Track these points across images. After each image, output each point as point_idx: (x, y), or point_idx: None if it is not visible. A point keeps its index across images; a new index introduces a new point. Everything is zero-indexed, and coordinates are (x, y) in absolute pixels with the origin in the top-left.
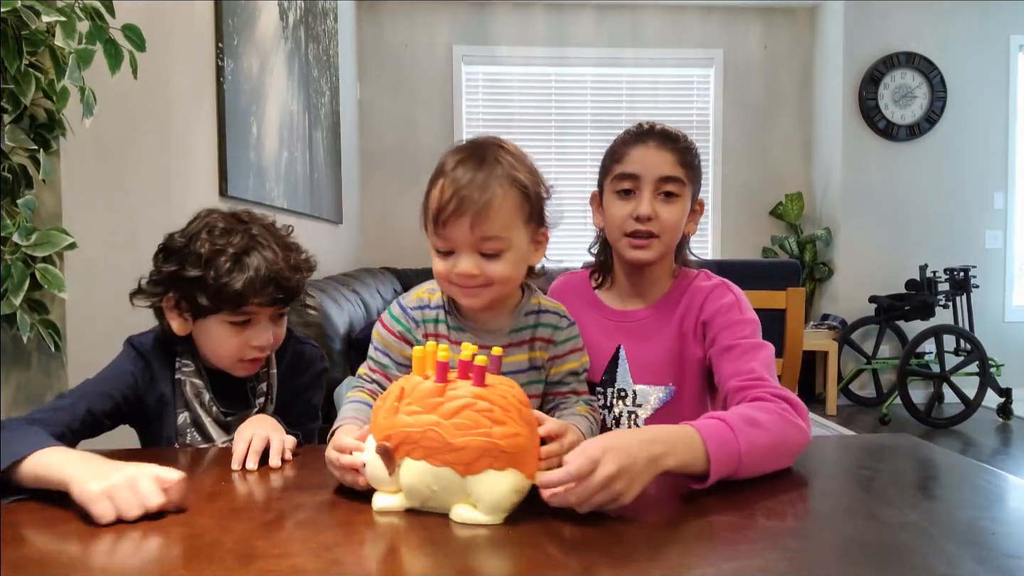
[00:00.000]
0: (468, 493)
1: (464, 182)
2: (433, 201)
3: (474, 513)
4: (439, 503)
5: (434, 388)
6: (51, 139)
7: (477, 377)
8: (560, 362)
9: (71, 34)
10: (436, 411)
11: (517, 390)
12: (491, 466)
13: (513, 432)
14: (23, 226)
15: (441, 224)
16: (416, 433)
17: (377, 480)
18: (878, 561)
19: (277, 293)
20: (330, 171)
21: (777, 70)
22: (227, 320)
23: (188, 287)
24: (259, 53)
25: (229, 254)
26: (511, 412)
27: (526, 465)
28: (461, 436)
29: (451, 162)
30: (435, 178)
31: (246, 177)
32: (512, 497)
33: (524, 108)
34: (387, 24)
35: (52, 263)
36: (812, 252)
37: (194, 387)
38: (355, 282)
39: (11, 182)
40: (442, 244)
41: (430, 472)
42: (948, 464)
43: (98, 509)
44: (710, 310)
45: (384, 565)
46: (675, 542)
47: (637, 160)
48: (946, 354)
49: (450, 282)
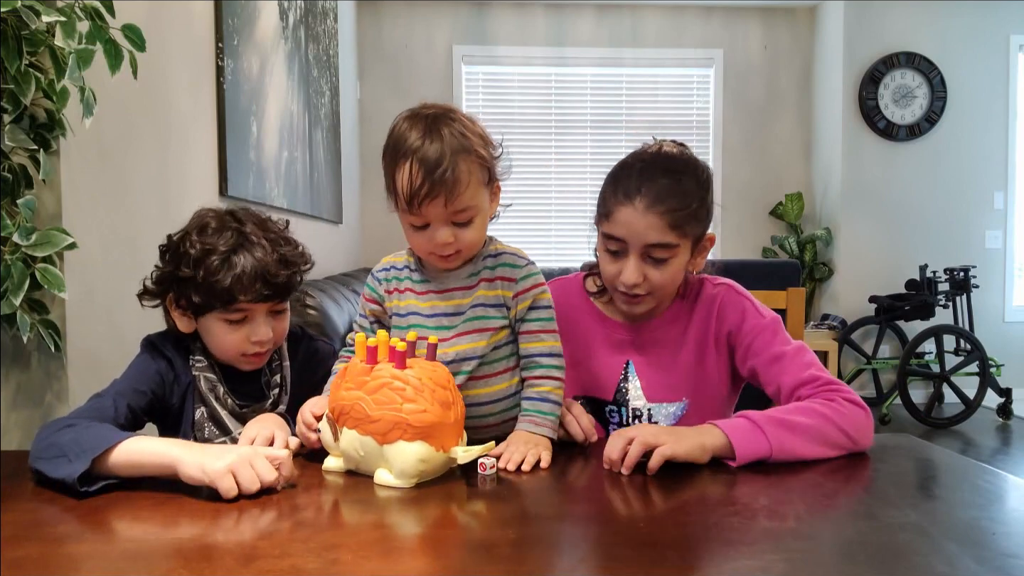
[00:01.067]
0: (386, 459)
1: (431, 165)
2: (403, 185)
3: (389, 477)
4: (367, 467)
5: (363, 368)
6: (51, 139)
7: (397, 360)
8: (523, 297)
9: (71, 34)
10: (363, 388)
11: (438, 374)
12: (401, 437)
13: (422, 409)
14: (23, 226)
15: (416, 205)
16: (348, 406)
17: (327, 444)
18: (878, 561)
19: (265, 290)
20: (330, 171)
21: (777, 70)
22: (223, 318)
23: (183, 286)
24: (259, 53)
25: (218, 252)
26: (423, 392)
27: (434, 439)
28: (378, 410)
29: (411, 140)
30: (396, 156)
31: (246, 177)
32: (419, 466)
33: (524, 108)
34: (387, 24)
35: (52, 263)
36: (812, 252)
37: (208, 381)
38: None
39: (11, 182)
40: (417, 220)
41: (358, 439)
42: (948, 464)
43: (225, 484)
44: (733, 320)
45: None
46: (675, 542)
47: (623, 224)
48: (946, 354)
49: (429, 252)
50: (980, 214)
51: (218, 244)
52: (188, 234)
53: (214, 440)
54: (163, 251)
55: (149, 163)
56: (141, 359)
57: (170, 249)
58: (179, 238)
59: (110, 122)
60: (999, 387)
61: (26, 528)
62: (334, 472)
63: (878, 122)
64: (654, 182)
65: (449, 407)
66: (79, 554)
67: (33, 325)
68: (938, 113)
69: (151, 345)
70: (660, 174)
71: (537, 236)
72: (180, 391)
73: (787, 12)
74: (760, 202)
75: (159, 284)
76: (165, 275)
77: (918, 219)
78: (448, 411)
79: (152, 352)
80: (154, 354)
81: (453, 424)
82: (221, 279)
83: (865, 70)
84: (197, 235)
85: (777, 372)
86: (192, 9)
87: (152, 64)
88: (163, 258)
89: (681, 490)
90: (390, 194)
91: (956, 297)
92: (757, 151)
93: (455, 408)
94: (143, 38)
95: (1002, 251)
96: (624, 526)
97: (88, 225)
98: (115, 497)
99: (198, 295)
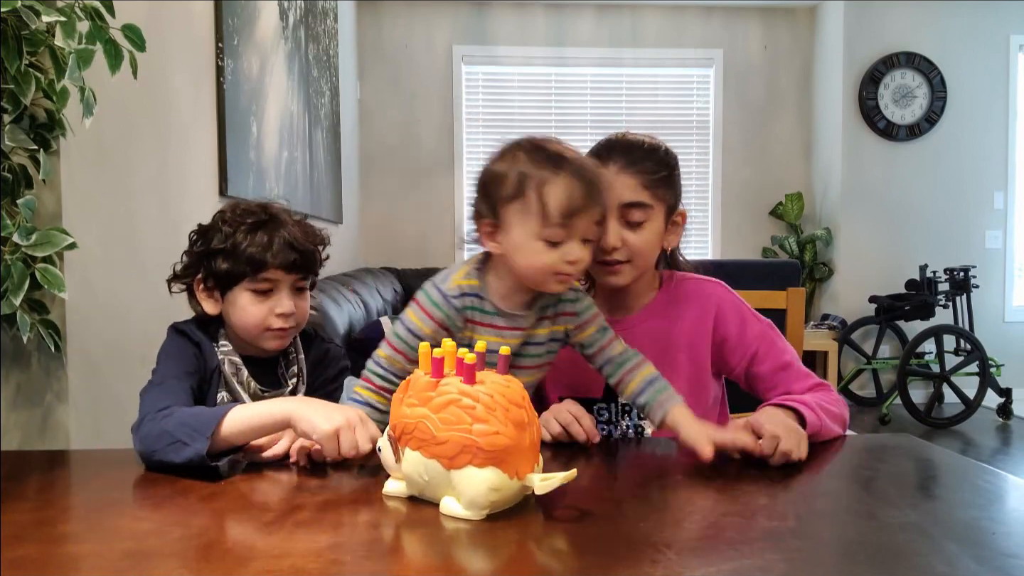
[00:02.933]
0: (453, 486)
1: (589, 179)
2: (560, 198)
3: (457, 506)
4: (432, 493)
5: (428, 383)
6: (51, 139)
7: (467, 374)
8: (587, 325)
9: (71, 34)
10: (427, 405)
11: (511, 390)
12: (471, 462)
13: (494, 431)
14: (23, 226)
15: (568, 217)
16: (411, 424)
17: (388, 466)
18: (878, 561)
19: (293, 255)
20: (330, 171)
21: (777, 70)
22: (250, 288)
23: (214, 259)
24: (259, 53)
25: (249, 223)
26: (496, 411)
27: (508, 464)
28: (446, 430)
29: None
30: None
31: (246, 177)
32: (490, 495)
33: (524, 108)
34: (387, 24)
35: (52, 263)
36: (812, 252)
37: (232, 365)
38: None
39: (11, 182)
40: (562, 235)
41: (422, 463)
42: (948, 464)
43: (330, 447)
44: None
45: (384, 565)
46: (675, 542)
47: None
48: (946, 354)
49: (556, 272)
50: (980, 214)
51: (247, 218)
52: (222, 212)
53: None
54: (194, 236)
55: (149, 163)
56: (175, 344)
57: (201, 232)
58: (212, 219)
59: (110, 122)
60: (999, 387)
61: (26, 528)
62: (395, 497)
63: (878, 122)
64: (625, 151)
65: (524, 428)
66: (79, 554)
67: (33, 325)
68: (938, 113)
69: (179, 331)
70: (629, 146)
71: None
72: (207, 376)
73: (787, 12)
74: (760, 202)
75: (189, 266)
76: (196, 255)
77: (918, 219)
78: (523, 433)
79: (182, 336)
80: (184, 338)
81: (529, 448)
82: (252, 244)
83: (865, 70)
84: (230, 212)
85: (786, 379)
86: (192, 9)
87: (152, 64)
88: (194, 243)
89: (681, 490)
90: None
91: (956, 297)
92: (757, 151)
93: (531, 429)
94: (143, 38)
95: (1002, 251)
96: (624, 526)
97: (88, 225)
98: (115, 497)
99: (228, 262)
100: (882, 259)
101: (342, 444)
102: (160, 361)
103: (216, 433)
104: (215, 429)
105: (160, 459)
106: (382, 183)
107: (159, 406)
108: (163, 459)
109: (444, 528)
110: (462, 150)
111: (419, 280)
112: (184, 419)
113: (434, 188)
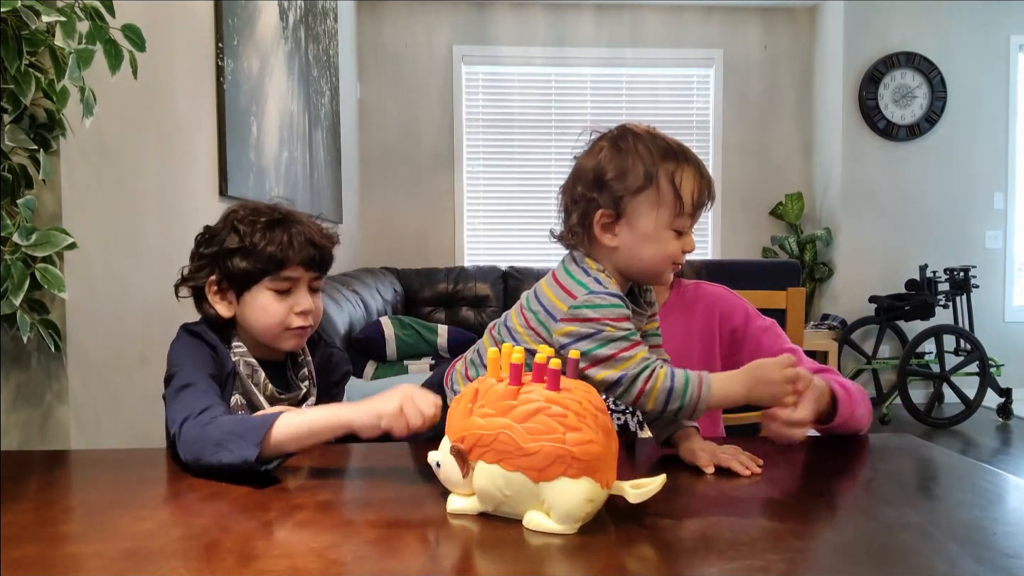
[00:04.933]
0: (541, 500)
1: (705, 174)
2: (692, 190)
3: (547, 521)
4: (512, 508)
5: (508, 391)
6: (51, 139)
7: (552, 381)
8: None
9: (71, 34)
10: (509, 414)
11: (593, 395)
12: (564, 473)
13: (587, 439)
14: (23, 226)
15: (698, 208)
16: (488, 436)
17: (451, 482)
18: (878, 561)
19: (312, 250)
20: (330, 171)
21: (777, 70)
22: (270, 287)
23: (230, 258)
24: (259, 53)
25: (264, 222)
26: (586, 418)
27: (601, 473)
28: (533, 441)
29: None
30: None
31: (246, 177)
32: (586, 507)
33: (524, 108)
34: (387, 24)
35: (52, 263)
36: (812, 252)
37: (248, 366)
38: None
39: (11, 182)
40: (686, 225)
41: (502, 476)
42: (948, 464)
43: (400, 424)
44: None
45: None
46: (675, 542)
47: None
48: (946, 354)
49: (675, 261)
50: (980, 214)
51: (262, 217)
52: (234, 211)
53: None
54: (201, 238)
55: (149, 163)
56: (188, 344)
57: (212, 232)
58: (223, 217)
59: (110, 122)
60: (999, 387)
61: (26, 528)
62: (463, 515)
63: (878, 122)
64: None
65: (611, 435)
66: (79, 554)
67: (33, 325)
68: (938, 113)
69: (192, 333)
70: None
71: (536, 236)
72: (223, 379)
73: (787, 12)
74: (760, 202)
75: (200, 268)
76: (208, 257)
77: (918, 219)
78: (611, 440)
79: (196, 338)
80: (198, 340)
81: (615, 455)
82: (271, 242)
83: (865, 70)
84: (243, 211)
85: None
86: (192, 9)
87: (152, 64)
88: (202, 245)
89: (681, 489)
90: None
91: (956, 297)
92: (757, 151)
93: (614, 436)
94: (143, 38)
95: (1002, 251)
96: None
97: (88, 225)
98: (115, 497)
99: (247, 261)
100: (882, 259)
101: (409, 416)
102: (178, 363)
103: (266, 439)
104: (264, 435)
105: (209, 463)
106: (382, 183)
107: (198, 408)
108: (212, 464)
109: (530, 544)
110: (462, 150)
111: (419, 280)
112: (231, 427)
113: (434, 188)
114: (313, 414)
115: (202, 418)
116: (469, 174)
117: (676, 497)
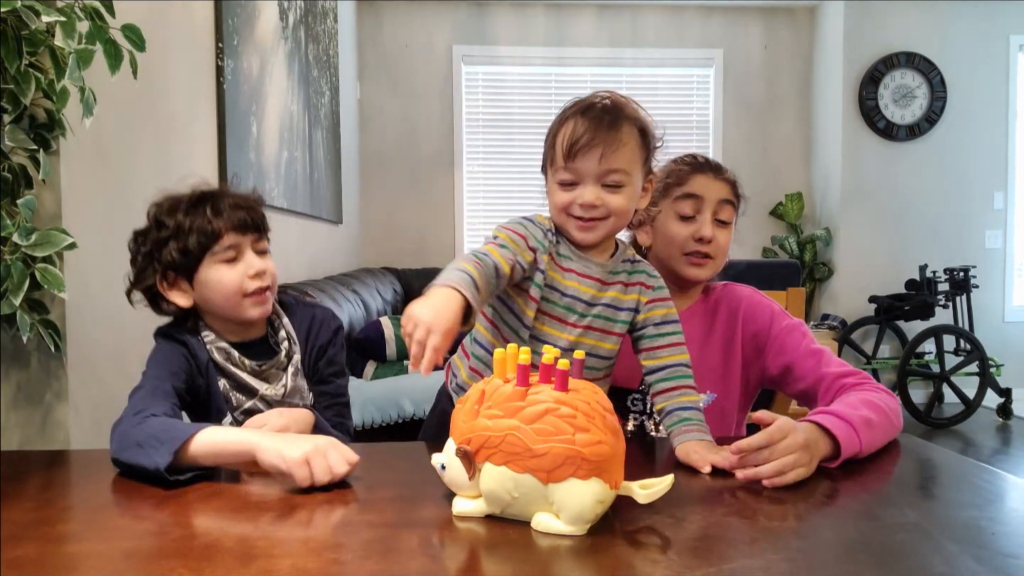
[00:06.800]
0: (550, 501)
1: (596, 118)
2: (565, 136)
3: (556, 522)
4: (520, 510)
5: (515, 392)
6: (51, 139)
7: (560, 381)
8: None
9: (71, 34)
10: (517, 415)
11: (601, 396)
12: (574, 474)
13: (597, 440)
14: (23, 226)
15: (572, 156)
16: (496, 438)
17: (456, 484)
18: (878, 561)
19: (241, 213)
20: (330, 171)
21: (777, 70)
22: (217, 260)
23: (167, 246)
24: (259, 53)
25: (186, 205)
26: (595, 419)
27: (610, 474)
28: (543, 442)
29: (581, 105)
30: (564, 119)
31: (246, 177)
32: (597, 508)
33: (524, 108)
34: (387, 24)
35: (52, 263)
36: (812, 252)
37: (221, 351)
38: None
39: (11, 182)
40: (568, 176)
41: (511, 478)
42: (948, 464)
43: (301, 473)
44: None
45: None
46: (675, 543)
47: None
48: (946, 354)
49: (569, 214)
50: (980, 214)
51: (181, 203)
52: (157, 205)
53: (242, 406)
54: (133, 242)
55: (149, 163)
56: (162, 348)
57: (141, 233)
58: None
59: (110, 122)
60: (999, 387)
61: (26, 528)
62: (469, 517)
63: (878, 122)
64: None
65: (618, 435)
66: (79, 554)
67: (33, 325)
68: (938, 113)
69: (165, 334)
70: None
71: None
72: (202, 370)
73: (787, 12)
74: (760, 202)
75: (144, 268)
76: (146, 254)
77: (918, 219)
78: (619, 440)
79: (168, 339)
80: (171, 341)
81: (622, 456)
82: (198, 216)
83: (865, 70)
84: (164, 203)
85: (816, 364)
86: (192, 9)
87: (152, 64)
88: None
89: (681, 490)
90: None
91: (956, 297)
92: (757, 151)
93: (622, 437)
94: (143, 38)
95: (1002, 251)
96: (624, 526)
97: (88, 225)
98: (115, 497)
99: (183, 243)
100: (882, 259)
101: (315, 470)
102: (146, 368)
103: (183, 450)
104: (182, 446)
105: (123, 460)
106: (382, 183)
107: (137, 408)
108: (125, 460)
109: (539, 546)
110: (462, 150)
111: (419, 280)
112: (154, 430)
113: (434, 188)
114: (228, 435)
115: (136, 418)
116: (469, 174)
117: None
